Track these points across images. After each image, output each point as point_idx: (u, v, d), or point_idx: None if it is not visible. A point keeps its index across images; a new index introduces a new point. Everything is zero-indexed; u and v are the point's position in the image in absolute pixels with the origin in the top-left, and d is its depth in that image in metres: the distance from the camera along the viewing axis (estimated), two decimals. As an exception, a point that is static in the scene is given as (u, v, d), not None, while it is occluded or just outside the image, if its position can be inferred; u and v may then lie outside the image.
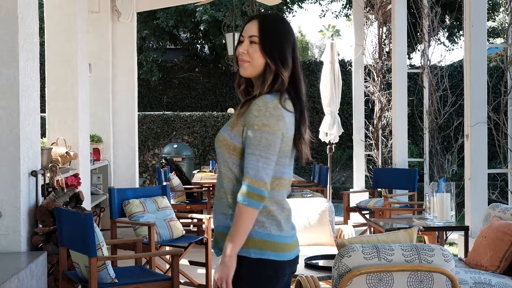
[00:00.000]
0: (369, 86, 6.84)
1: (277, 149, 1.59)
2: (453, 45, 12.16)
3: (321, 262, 2.99)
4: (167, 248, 3.90)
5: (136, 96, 6.23)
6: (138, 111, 6.63)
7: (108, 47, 5.73)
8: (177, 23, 11.12)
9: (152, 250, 3.45)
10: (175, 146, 8.41)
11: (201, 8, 10.44)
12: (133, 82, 6.08)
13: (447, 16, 9.70)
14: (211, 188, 5.66)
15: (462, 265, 3.09)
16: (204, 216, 4.03)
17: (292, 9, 13.41)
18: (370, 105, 7.01)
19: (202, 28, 10.77)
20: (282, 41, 1.65)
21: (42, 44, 3.42)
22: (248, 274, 1.59)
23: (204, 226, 3.98)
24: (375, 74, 6.74)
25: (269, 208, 1.61)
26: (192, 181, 6.07)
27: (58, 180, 3.39)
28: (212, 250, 1.92)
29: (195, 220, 4.74)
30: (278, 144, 1.59)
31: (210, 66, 12.30)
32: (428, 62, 5.79)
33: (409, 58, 11.64)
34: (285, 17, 1.79)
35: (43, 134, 3.70)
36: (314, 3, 13.56)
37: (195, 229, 5.48)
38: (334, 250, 3.19)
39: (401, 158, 5.59)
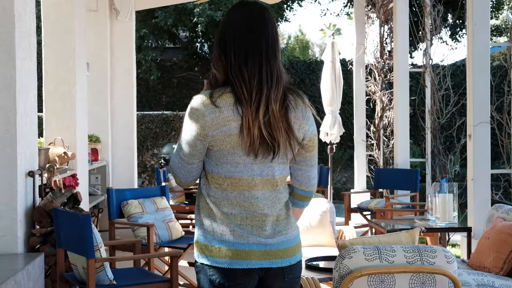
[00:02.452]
0: (370, 86, 6.81)
1: (185, 149, 1.56)
2: (456, 44, 12.13)
3: (322, 264, 2.96)
4: (166, 249, 3.87)
5: (134, 95, 6.20)
6: (137, 111, 6.59)
7: (106, 46, 5.69)
8: (176, 22, 11.10)
9: (151, 251, 3.43)
10: (174, 146, 8.37)
11: (198, 9, 10.42)
12: (132, 81, 6.05)
13: (449, 14, 9.67)
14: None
15: (465, 267, 3.06)
16: (203, 217, 3.99)
17: (293, 8, 13.40)
18: (371, 104, 6.99)
19: (200, 28, 10.75)
20: (216, 34, 1.62)
21: (39, 43, 3.38)
22: None
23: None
24: (376, 73, 6.71)
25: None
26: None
27: (56, 180, 3.36)
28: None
29: (194, 221, 4.70)
30: (187, 143, 1.56)
31: (210, 65, 12.28)
32: (430, 61, 5.77)
33: (411, 57, 11.60)
34: (243, 4, 1.61)
35: (40, 134, 3.66)
36: (314, 2, 13.54)
37: (194, 230, 5.45)
38: (335, 251, 3.16)
39: (402, 158, 5.56)
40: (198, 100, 1.55)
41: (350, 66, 7.26)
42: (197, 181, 1.65)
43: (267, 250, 1.55)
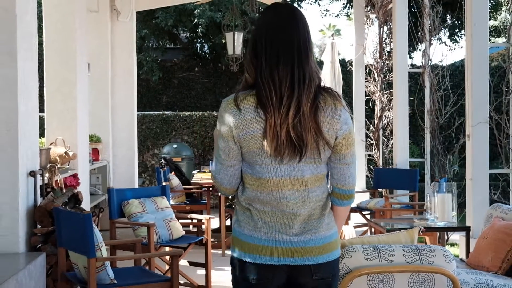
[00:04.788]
0: (369, 86, 6.82)
1: (222, 151, 1.58)
2: (455, 45, 12.13)
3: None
4: (167, 248, 3.88)
5: (135, 95, 6.21)
6: (138, 111, 6.60)
7: (107, 46, 5.71)
8: (176, 22, 11.09)
9: (151, 250, 3.44)
10: (175, 146, 8.39)
11: (199, 10, 10.41)
12: (133, 81, 6.06)
13: (448, 15, 9.68)
14: (210, 189, 5.64)
15: (464, 266, 3.07)
16: (203, 217, 4.01)
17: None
18: (370, 105, 6.99)
19: (201, 29, 10.74)
20: (249, 39, 1.63)
21: (40, 44, 3.40)
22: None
23: (203, 226, 3.96)
24: (375, 74, 6.72)
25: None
26: (192, 181, 6.05)
27: (57, 180, 3.37)
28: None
29: (194, 221, 4.72)
30: (222, 145, 1.58)
31: (210, 66, 12.27)
32: (429, 61, 5.77)
33: (410, 57, 11.61)
34: (272, 8, 1.61)
35: (41, 134, 3.68)
36: (314, 3, 13.53)
37: (195, 229, 5.46)
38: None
39: (402, 158, 5.57)
40: (224, 103, 1.60)
41: (350, 66, 7.27)
42: None
43: (294, 247, 1.57)
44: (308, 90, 1.53)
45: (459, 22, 10.99)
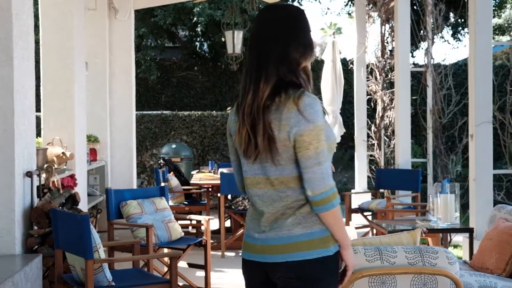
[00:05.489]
0: (371, 85, 6.78)
1: (230, 150, 1.72)
2: (458, 43, 12.12)
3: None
4: (165, 250, 3.85)
5: (134, 95, 6.17)
6: (136, 111, 6.57)
7: (105, 45, 5.67)
8: (175, 20, 11.06)
9: (150, 252, 3.41)
10: (174, 146, 8.36)
11: (198, 8, 10.38)
12: (131, 80, 6.03)
13: (451, 13, 9.64)
14: (210, 189, 5.61)
15: (467, 268, 3.04)
16: (203, 218, 3.97)
17: (293, 8, 13.36)
18: (372, 104, 6.96)
19: (200, 28, 10.71)
20: None
21: (37, 42, 3.36)
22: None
23: (203, 228, 3.93)
24: (377, 73, 6.68)
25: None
26: (191, 182, 6.02)
27: (54, 181, 3.34)
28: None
29: (194, 222, 4.69)
30: (229, 144, 1.71)
31: (209, 65, 12.25)
32: (432, 60, 5.74)
33: (412, 56, 11.57)
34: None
35: (38, 134, 3.64)
36: (315, 1, 13.52)
37: (194, 231, 5.42)
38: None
39: (404, 158, 5.54)
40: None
41: (351, 65, 7.24)
42: None
43: (260, 245, 1.61)
44: (263, 90, 1.55)
45: (462, 20, 10.95)
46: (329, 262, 1.58)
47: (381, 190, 5.78)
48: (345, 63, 9.05)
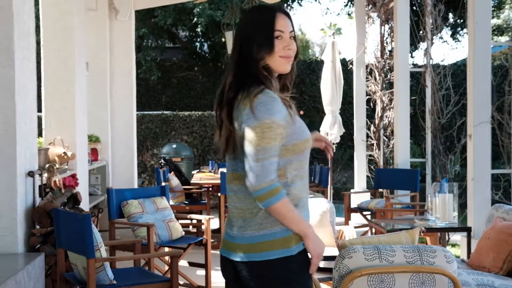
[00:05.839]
0: (370, 85, 6.80)
1: None
2: (457, 44, 12.12)
3: (321, 263, 2.95)
4: (166, 249, 3.86)
5: (134, 95, 6.19)
6: (137, 111, 6.58)
7: (106, 45, 5.68)
8: (175, 21, 11.08)
9: (151, 251, 3.42)
10: (174, 146, 8.37)
11: (198, 9, 10.39)
12: (132, 81, 6.04)
13: (450, 13, 9.65)
14: (210, 189, 5.62)
15: (465, 267, 3.05)
16: (203, 217, 3.99)
17: (293, 7, 13.39)
18: (371, 104, 6.97)
19: (200, 28, 10.72)
20: None
21: (38, 43, 3.38)
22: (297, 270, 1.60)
23: (203, 227, 3.94)
24: (377, 73, 6.70)
25: None
26: (192, 181, 6.04)
27: (56, 180, 3.36)
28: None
29: (194, 221, 4.70)
30: None
31: (210, 65, 12.26)
32: (431, 60, 5.76)
33: (412, 56, 11.58)
34: None
35: (40, 134, 3.66)
36: (314, 1, 13.53)
37: (195, 230, 5.44)
38: (335, 251, 3.15)
39: (403, 158, 5.56)
40: None
41: (351, 65, 7.25)
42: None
43: (232, 242, 1.63)
44: (226, 91, 1.63)
45: (461, 20, 10.97)
46: (292, 262, 1.57)
47: (380, 190, 5.79)
48: (344, 63, 9.07)
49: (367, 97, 6.95)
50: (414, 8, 6.01)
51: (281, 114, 1.56)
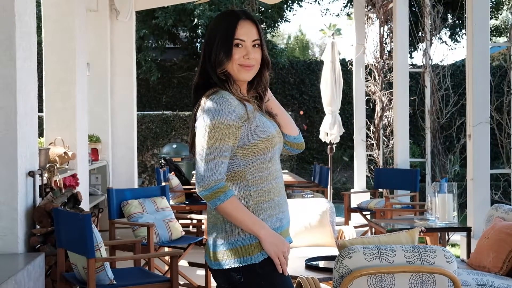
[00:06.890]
0: (370, 86, 6.81)
1: None
2: (455, 44, 12.14)
3: (321, 263, 2.96)
4: (166, 249, 3.87)
5: (135, 95, 6.19)
6: (137, 111, 6.59)
7: (107, 46, 5.69)
8: (176, 22, 11.09)
9: (151, 251, 3.43)
10: (174, 146, 8.38)
11: (199, 10, 10.40)
12: (132, 81, 6.05)
13: (449, 14, 9.67)
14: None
15: (465, 267, 3.06)
16: (203, 217, 4.00)
17: (293, 8, 13.41)
18: (371, 104, 6.98)
19: (200, 29, 10.74)
20: None
21: (39, 43, 3.38)
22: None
23: (203, 227, 3.95)
24: (376, 74, 6.71)
25: None
26: (192, 181, 6.04)
27: (56, 180, 3.36)
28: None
29: (194, 221, 4.71)
30: None
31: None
32: (430, 61, 5.77)
33: (411, 57, 11.60)
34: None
35: (40, 134, 3.66)
36: (314, 2, 13.54)
37: (195, 230, 5.45)
38: (334, 251, 3.16)
39: (402, 158, 5.56)
40: None
41: (350, 66, 7.26)
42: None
43: (208, 249, 1.66)
44: (194, 91, 1.68)
45: (460, 21, 10.98)
46: (257, 269, 1.56)
47: (380, 190, 5.80)
48: (344, 63, 9.08)
49: (367, 97, 6.96)
50: (413, 9, 6.01)
51: (232, 115, 1.55)
